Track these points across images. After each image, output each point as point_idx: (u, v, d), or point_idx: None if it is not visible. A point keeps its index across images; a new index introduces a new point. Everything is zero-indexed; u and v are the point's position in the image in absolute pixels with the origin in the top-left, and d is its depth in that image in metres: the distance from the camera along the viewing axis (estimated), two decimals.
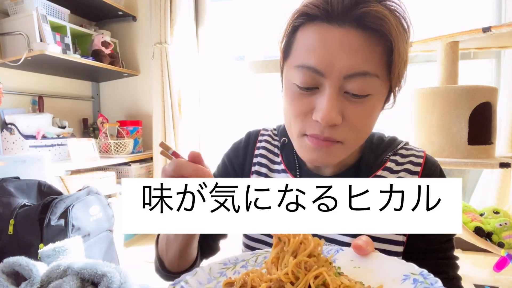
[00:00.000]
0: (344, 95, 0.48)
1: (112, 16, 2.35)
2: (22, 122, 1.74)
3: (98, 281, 0.61)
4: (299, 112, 0.50)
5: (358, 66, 0.45)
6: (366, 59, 0.46)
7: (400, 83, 0.52)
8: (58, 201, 1.25)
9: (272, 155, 0.66)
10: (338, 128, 0.48)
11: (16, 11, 1.74)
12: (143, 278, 0.68)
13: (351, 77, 0.46)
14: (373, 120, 0.52)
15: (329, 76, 0.46)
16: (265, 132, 0.69)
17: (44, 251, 0.63)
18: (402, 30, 0.47)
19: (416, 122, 1.46)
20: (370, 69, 0.46)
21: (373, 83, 0.47)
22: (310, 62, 0.47)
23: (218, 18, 2.36)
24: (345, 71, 0.46)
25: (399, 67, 0.48)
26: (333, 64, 0.46)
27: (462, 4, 1.99)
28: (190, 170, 0.42)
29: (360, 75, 0.46)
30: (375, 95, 0.49)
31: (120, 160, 2.06)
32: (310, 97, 0.49)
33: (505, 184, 1.75)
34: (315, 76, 0.47)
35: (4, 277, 0.53)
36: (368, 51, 0.46)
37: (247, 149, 0.68)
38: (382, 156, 0.59)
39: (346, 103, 0.48)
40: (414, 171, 0.57)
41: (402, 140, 0.63)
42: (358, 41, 0.45)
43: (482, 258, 1.53)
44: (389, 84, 0.50)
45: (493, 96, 1.36)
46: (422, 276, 0.34)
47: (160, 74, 2.17)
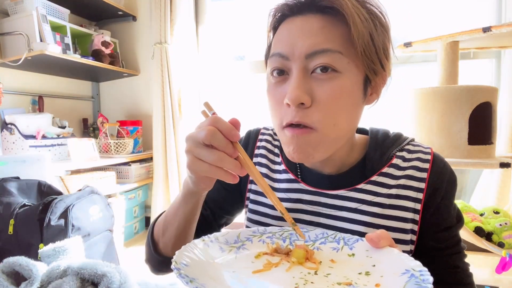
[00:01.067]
0: (312, 76, 0.49)
1: (112, 16, 2.35)
2: (22, 122, 1.74)
3: (98, 281, 0.61)
4: (275, 101, 0.52)
5: (318, 45, 0.48)
6: (326, 38, 0.48)
7: (373, 64, 0.50)
8: (58, 201, 1.25)
9: (272, 155, 0.65)
10: (309, 111, 0.48)
11: (16, 11, 1.74)
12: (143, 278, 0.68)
13: (312, 56, 0.48)
14: (349, 104, 0.50)
15: (293, 58, 0.49)
16: (266, 132, 0.69)
17: (44, 251, 0.63)
18: (361, 7, 0.49)
19: (416, 122, 1.46)
20: (331, 46, 0.48)
21: (337, 59, 0.48)
22: (277, 49, 0.51)
23: (218, 18, 2.37)
24: (306, 50, 0.48)
25: (362, 43, 0.48)
26: (295, 47, 0.49)
27: (462, 4, 1.99)
28: (225, 127, 0.43)
29: (320, 52, 0.48)
30: (344, 73, 0.49)
31: (120, 160, 2.06)
32: (282, 85, 0.51)
33: (505, 184, 1.75)
34: (282, 61, 0.51)
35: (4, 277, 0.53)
36: (327, 30, 0.49)
37: (247, 148, 0.68)
38: (388, 152, 0.58)
39: (314, 84, 0.49)
40: (423, 168, 0.56)
41: (408, 136, 0.62)
42: (316, 23, 0.49)
43: (482, 258, 1.53)
44: (360, 65, 0.50)
45: (493, 96, 1.36)
46: (419, 272, 0.37)
47: (160, 74, 2.17)
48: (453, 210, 0.57)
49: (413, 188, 0.55)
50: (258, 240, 0.49)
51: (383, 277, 0.39)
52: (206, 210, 0.67)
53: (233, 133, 0.43)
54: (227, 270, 0.42)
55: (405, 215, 0.54)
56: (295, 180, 0.60)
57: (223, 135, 0.42)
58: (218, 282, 0.39)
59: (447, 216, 0.56)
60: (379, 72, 0.51)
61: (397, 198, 0.55)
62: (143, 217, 2.40)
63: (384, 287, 0.37)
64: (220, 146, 0.42)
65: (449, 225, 0.56)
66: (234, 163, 0.43)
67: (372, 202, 0.55)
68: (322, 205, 0.57)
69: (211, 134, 0.42)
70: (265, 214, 0.61)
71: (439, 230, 0.56)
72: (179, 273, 0.35)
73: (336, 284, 0.39)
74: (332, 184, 0.58)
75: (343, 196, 0.56)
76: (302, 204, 0.58)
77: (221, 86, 2.37)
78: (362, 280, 0.39)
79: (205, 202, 0.66)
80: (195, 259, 0.42)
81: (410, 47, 1.52)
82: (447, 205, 0.56)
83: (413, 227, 0.55)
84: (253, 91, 2.35)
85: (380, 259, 0.43)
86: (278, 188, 0.62)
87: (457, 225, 0.57)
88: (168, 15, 2.14)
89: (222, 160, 0.42)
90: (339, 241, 0.48)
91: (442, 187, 0.55)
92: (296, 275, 0.41)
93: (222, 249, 0.46)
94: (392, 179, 0.55)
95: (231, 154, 0.43)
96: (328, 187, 0.58)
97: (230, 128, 0.43)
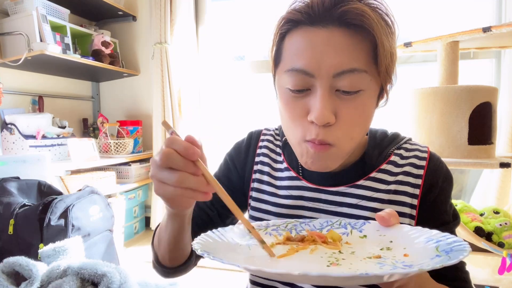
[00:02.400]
0: (336, 93, 0.49)
1: (112, 16, 2.35)
2: (22, 122, 1.74)
3: (98, 281, 0.61)
4: (295, 116, 0.51)
5: (346, 64, 0.47)
6: (352, 56, 0.47)
7: (390, 79, 0.52)
8: (58, 201, 1.25)
9: (274, 154, 0.67)
10: (332, 129, 0.49)
11: (16, 11, 1.74)
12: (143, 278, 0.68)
13: (340, 75, 0.47)
14: (367, 117, 0.52)
15: (319, 76, 0.48)
16: (267, 132, 0.70)
17: (44, 251, 0.63)
18: (385, 25, 0.49)
19: (416, 122, 1.46)
20: (358, 65, 0.47)
21: (363, 79, 0.48)
22: (299, 64, 0.49)
23: (218, 18, 2.36)
24: (334, 70, 0.47)
25: (386, 61, 0.48)
26: (321, 64, 0.47)
27: (462, 4, 1.99)
28: (181, 147, 0.41)
29: (348, 72, 0.47)
30: (366, 91, 0.49)
31: (120, 160, 2.06)
32: (303, 99, 0.50)
33: (505, 184, 1.75)
34: (305, 78, 0.49)
35: (4, 277, 0.53)
36: (354, 48, 0.47)
37: (249, 149, 0.69)
38: (386, 150, 0.59)
39: (338, 101, 0.49)
40: (420, 165, 0.57)
41: (405, 136, 0.63)
42: (343, 40, 0.47)
43: (482, 258, 1.53)
44: (379, 80, 0.51)
45: (493, 96, 1.36)
46: (444, 237, 0.38)
47: (160, 74, 2.17)
48: (450, 208, 0.58)
49: (410, 184, 0.56)
50: (264, 233, 0.49)
51: (406, 249, 0.40)
52: (212, 211, 0.68)
53: (190, 152, 0.41)
54: (252, 256, 0.42)
55: (403, 210, 0.55)
56: (297, 178, 0.61)
57: (181, 155, 0.41)
58: (249, 263, 0.39)
59: (443, 212, 0.57)
60: (392, 81, 0.53)
61: (395, 193, 0.56)
62: (143, 217, 2.40)
63: (413, 256, 0.38)
64: (180, 167, 0.41)
65: (445, 222, 0.57)
66: (197, 181, 0.42)
67: (371, 197, 0.56)
68: (323, 202, 0.58)
69: (167, 156, 0.41)
70: (267, 211, 0.62)
71: (435, 226, 0.56)
72: (207, 255, 0.35)
73: (367, 258, 0.40)
74: (332, 181, 0.59)
75: (343, 192, 0.57)
76: (303, 201, 0.59)
77: (221, 86, 2.37)
78: (387, 254, 0.40)
79: (212, 204, 0.67)
80: (218, 240, 0.43)
81: (410, 47, 1.52)
82: (442, 201, 0.57)
83: (410, 222, 0.56)
84: (253, 91, 2.35)
85: (395, 235, 0.44)
86: (280, 185, 0.62)
87: (453, 222, 0.58)
88: (168, 15, 2.14)
89: (184, 180, 0.41)
90: (346, 226, 0.49)
91: (438, 183, 0.57)
92: (324, 256, 0.41)
93: (233, 240, 0.46)
94: (390, 176, 0.57)
95: (194, 173, 0.42)
96: (328, 184, 0.59)
97: (186, 148, 0.41)
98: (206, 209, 0.67)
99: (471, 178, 1.97)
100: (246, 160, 0.68)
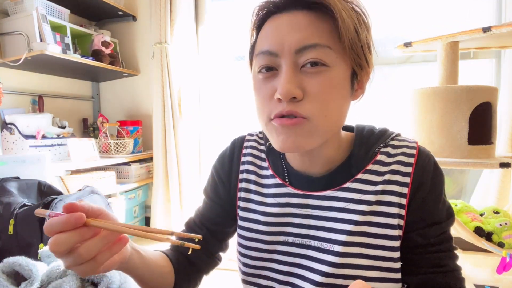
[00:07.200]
0: (302, 70, 0.50)
1: (112, 16, 2.35)
2: (22, 122, 1.74)
3: (98, 281, 0.61)
4: (264, 97, 0.52)
5: (307, 39, 0.49)
6: (314, 33, 0.49)
7: (359, 58, 0.51)
8: (58, 201, 1.24)
9: (259, 160, 0.65)
10: (300, 104, 0.49)
11: (16, 11, 1.74)
12: None
13: (302, 51, 0.49)
14: (338, 95, 0.51)
15: (282, 54, 0.50)
16: (251, 138, 0.69)
17: (44, 251, 0.63)
18: (350, 8, 0.50)
19: (416, 122, 1.46)
20: (320, 41, 0.49)
21: (326, 54, 0.49)
22: (265, 47, 0.51)
23: (218, 18, 2.36)
24: (295, 46, 0.49)
25: (348, 36, 0.49)
26: (283, 43, 0.49)
27: (462, 4, 1.99)
28: (60, 226, 0.40)
29: (310, 47, 0.48)
30: (333, 68, 0.49)
31: (120, 160, 2.06)
32: (271, 82, 0.51)
33: (505, 184, 1.75)
34: (271, 58, 0.51)
35: (4, 277, 0.53)
36: (315, 26, 0.49)
37: (233, 158, 0.67)
38: (372, 149, 0.57)
39: (305, 78, 0.49)
40: (408, 163, 0.55)
41: (394, 131, 0.61)
42: (305, 19, 0.49)
43: (482, 258, 1.52)
44: (347, 60, 0.51)
45: (493, 96, 1.36)
46: None
47: (160, 74, 2.17)
48: (442, 206, 0.56)
49: (398, 182, 0.54)
50: None
51: None
52: (202, 229, 0.67)
53: (72, 222, 0.40)
54: None
55: (392, 210, 0.54)
56: (283, 185, 0.60)
57: (68, 232, 0.41)
58: None
59: (434, 210, 0.55)
60: (364, 66, 0.53)
61: (383, 194, 0.54)
62: (143, 217, 2.40)
63: None
64: (72, 243, 0.41)
65: (437, 221, 0.55)
66: (99, 242, 0.42)
67: (359, 200, 0.54)
68: (311, 207, 0.57)
69: (54, 245, 0.40)
70: (256, 221, 0.61)
71: (426, 225, 0.55)
72: None
73: None
74: (319, 186, 0.58)
75: (331, 196, 0.56)
76: (291, 207, 0.58)
77: (221, 86, 2.37)
78: None
79: (201, 222, 0.68)
80: None
81: (410, 47, 1.52)
82: (434, 199, 0.55)
83: (399, 222, 0.54)
84: (253, 91, 2.35)
85: None
86: (267, 193, 0.61)
87: (446, 221, 0.56)
88: (168, 15, 2.14)
89: (88, 251, 0.41)
90: None
91: (427, 181, 0.54)
92: None
93: None
94: (377, 176, 0.55)
95: (91, 236, 0.42)
96: (315, 188, 0.58)
97: (66, 221, 0.40)
98: (197, 229, 0.67)
99: (471, 178, 1.97)
100: (231, 170, 0.67)
